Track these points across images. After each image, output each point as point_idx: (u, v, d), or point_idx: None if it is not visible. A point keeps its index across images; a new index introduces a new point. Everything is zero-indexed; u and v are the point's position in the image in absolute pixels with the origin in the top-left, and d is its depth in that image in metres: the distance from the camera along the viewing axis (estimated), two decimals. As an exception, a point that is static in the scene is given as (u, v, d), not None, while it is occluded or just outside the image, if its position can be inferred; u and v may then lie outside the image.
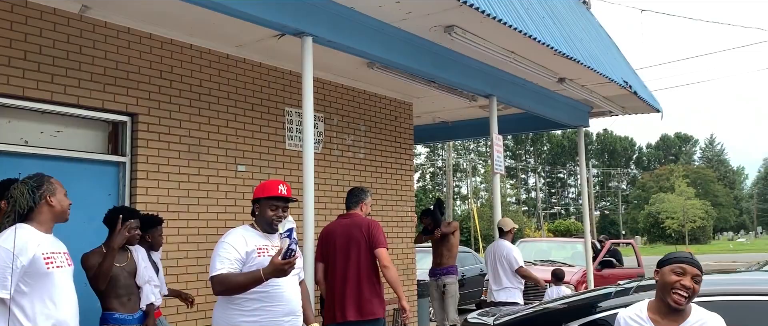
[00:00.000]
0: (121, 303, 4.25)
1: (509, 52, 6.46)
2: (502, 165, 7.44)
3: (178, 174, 5.57)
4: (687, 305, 2.72)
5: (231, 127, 6.05)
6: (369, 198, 5.11)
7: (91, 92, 5.02)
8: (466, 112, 9.27)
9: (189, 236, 5.61)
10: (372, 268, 4.78)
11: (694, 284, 2.70)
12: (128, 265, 4.33)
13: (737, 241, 59.58)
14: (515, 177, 76.01)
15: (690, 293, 2.70)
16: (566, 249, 12.64)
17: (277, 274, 3.23)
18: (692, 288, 2.70)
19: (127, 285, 4.29)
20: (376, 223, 4.89)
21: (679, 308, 2.71)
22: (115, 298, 4.22)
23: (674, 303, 2.70)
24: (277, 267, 3.20)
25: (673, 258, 2.79)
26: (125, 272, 4.29)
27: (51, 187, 3.07)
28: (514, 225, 7.24)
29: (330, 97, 7.20)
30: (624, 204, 75.86)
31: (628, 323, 2.83)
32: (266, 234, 3.51)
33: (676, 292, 2.70)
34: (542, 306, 4.06)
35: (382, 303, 4.79)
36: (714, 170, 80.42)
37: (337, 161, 7.26)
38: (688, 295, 2.70)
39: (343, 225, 4.95)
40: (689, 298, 2.71)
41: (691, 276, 2.70)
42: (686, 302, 2.70)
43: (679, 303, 2.70)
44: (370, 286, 4.71)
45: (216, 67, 5.96)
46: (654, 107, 9.35)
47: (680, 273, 2.71)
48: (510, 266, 6.85)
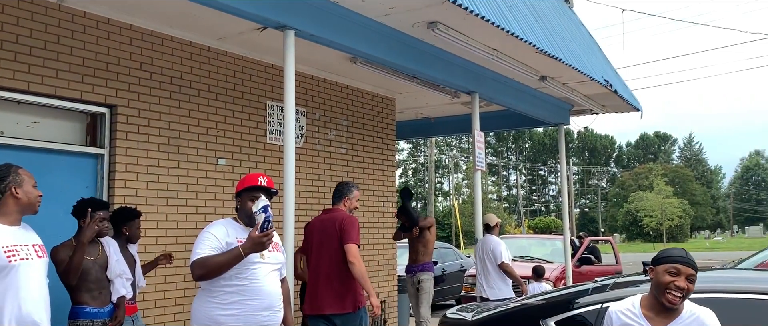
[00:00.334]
0: (92, 297, 4.20)
1: (492, 49, 6.48)
2: (483, 162, 7.47)
3: (158, 166, 5.52)
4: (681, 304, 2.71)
5: (211, 120, 6.00)
6: (354, 193, 5.06)
7: (69, 83, 4.95)
8: (448, 108, 9.29)
9: (168, 229, 5.57)
10: (345, 263, 4.76)
11: (689, 284, 2.68)
12: (100, 258, 4.27)
13: (713, 240, 60.44)
14: (497, 174, 76.41)
15: (684, 293, 2.69)
16: (546, 246, 12.73)
17: (256, 248, 3.25)
18: (686, 289, 2.69)
19: (99, 278, 4.24)
20: (350, 219, 4.86)
21: (672, 308, 2.71)
22: (86, 292, 4.17)
23: (668, 303, 2.70)
24: (255, 241, 3.22)
25: (668, 257, 2.76)
26: (97, 265, 4.23)
27: (17, 178, 2.99)
28: (499, 220, 7.41)
29: (312, 91, 7.18)
30: (603, 202, 76.60)
31: (620, 319, 2.82)
32: (248, 227, 3.50)
33: (670, 293, 2.70)
34: (520, 302, 4.09)
35: (355, 297, 4.76)
36: (692, 169, 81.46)
37: (319, 156, 7.24)
38: (683, 295, 2.70)
39: (322, 221, 4.98)
40: (684, 298, 2.71)
41: (685, 277, 2.69)
42: (680, 302, 2.70)
43: (673, 304, 2.70)
44: (341, 281, 4.70)
45: (197, 59, 5.91)
46: (634, 106, 9.44)
47: (674, 274, 2.70)
48: (495, 260, 6.92)
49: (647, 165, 76.65)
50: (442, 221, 50.78)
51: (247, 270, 3.35)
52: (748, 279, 3.71)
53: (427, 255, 7.54)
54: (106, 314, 4.26)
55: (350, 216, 4.95)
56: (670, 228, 57.05)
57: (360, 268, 4.65)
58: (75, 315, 4.16)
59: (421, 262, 7.49)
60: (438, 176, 67.99)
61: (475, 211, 7.53)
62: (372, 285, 4.80)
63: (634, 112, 9.82)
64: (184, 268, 5.64)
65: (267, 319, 3.39)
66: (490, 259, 6.97)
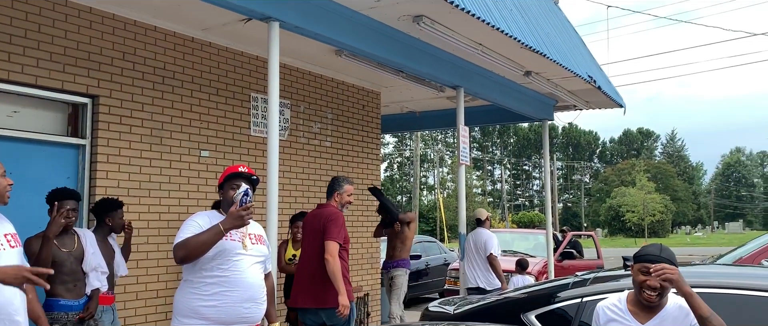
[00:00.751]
0: (66, 289, 4.16)
1: (477, 43, 6.49)
2: (468, 156, 7.49)
3: (140, 158, 5.47)
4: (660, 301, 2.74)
5: (195, 112, 5.96)
6: (345, 188, 5.05)
7: (50, 72, 4.89)
8: (433, 102, 9.30)
9: (150, 221, 5.53)
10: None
11: (663, 282, 2.70)
12: (75, 250, 4.23)
13: (694, 235, 61.18)
14: (482, 169, 76.72)
15: (659, 291, 2.72)
16: (529, 240, 12.82)
17: (236, 223, 3.26)
18: (660, 287, 2.71)
19: (74, 270, 4.20)
20: (334, 216, 4.86)
21: (650, 305, 2.75)
22: (60, 284, 4.12)
23: (645, 301, 2.76)
24: (234, 216, 3.25)
25: (641, 256, 2.80)
26: (72, 257, 4.19)
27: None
28: (489, 214, 7.81)
29: (297, 83, 7.15)
30: (586, 197, 77.23)
31: (607, 314, 2.85)
32: None
33: (644, 291, 2.74)
34: (502, 295, 4.11)
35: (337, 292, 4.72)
36: (674, 165, 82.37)
37: (303, 149, 7.22)
38: (659, 294, 2.72)
39: (313, 216, 5.07)
40: (661, 294, 2.73)
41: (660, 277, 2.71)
42: (657, 299, 2.73)
43: (649, 301, 2.75)
44: (324, 277, 4.71)
45: (180, 50, 5.86)
46: (617, 102, 9.51)
47: (646, 273, 2.74)
48: (485, 251, 7.36)
49: (630, 161, 77.37)
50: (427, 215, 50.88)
51: (228, 262, 3.34)
52: (727, 274, 3.76)
53: (405, 251, 7.46)
54: (80, 307, 4.23)
55: (336, 212, 4.93)
56: (651, 223, 57.67)
57: (332, 265, 4.65)
58: (49, 308, 4.11)
59: (396, 258, 7.42)
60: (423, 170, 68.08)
61: (460, 205, 7.56)
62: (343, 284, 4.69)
63: (618, 108, 9.89)
64: (166, 260, 5.61)
65: (248, 311, 3.38)
66: (482, 251, 7.42)
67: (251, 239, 3.49)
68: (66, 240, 4.21)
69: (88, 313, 4.29)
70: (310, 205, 7.26)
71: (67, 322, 4.15)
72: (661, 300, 2.76)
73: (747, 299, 3.16)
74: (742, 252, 6.18)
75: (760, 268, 4.27)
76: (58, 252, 4.13)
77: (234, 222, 3.26)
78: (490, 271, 7.42)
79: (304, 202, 7.20)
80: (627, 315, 2.78)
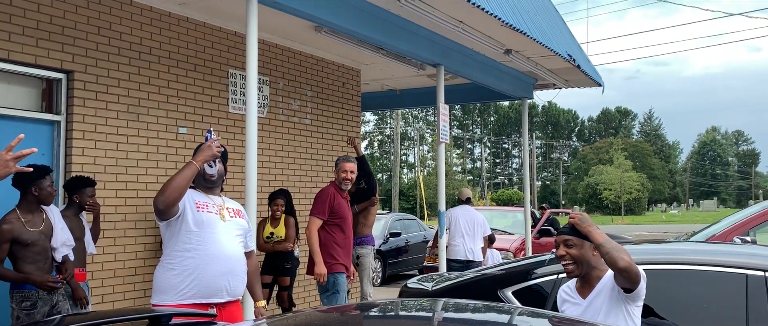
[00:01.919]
0: (37, 268, 4.11)
1: (458, 21, 6.47)
2: (448, 134, 7.51)
3: (117, 134, 5.40)
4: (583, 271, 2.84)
5: (172, 88, 5.89)
6: (340, 165, 5.56)
7: (23, 47, 4.79)
8: (414, 80, 9.28)
9: (127, 198, 5.48)
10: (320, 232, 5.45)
11: (569, 249, 2.83)
12: (44, 228, 4.18)
13: (669, 213, 62.21)
14: (461, 147, 76.99)
15: (572, 260, 2.83)
16: (507, 217, 12.93)
17: (206, 153, 3.33)
18: (569, 255, 2.83)
19: (44, 248, 4.15)
20: (320, 193, 5.54)
21: (571, 276, 2.89)
22: (31, 263, 4.08)
23: (567, 274, 2.89)
24: (203, 148, 3.35)
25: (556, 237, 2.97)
26: (42, 236, 4.14)
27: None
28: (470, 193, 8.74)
29: (276, 60, 7.08)
30: (564, 175, 78.02)
31: (562, 297, 2.98)
32: (206, 194, 3.49)
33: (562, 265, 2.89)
34: (480, 272, 4.16)
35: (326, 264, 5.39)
36: (651, 144, 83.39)
37: (283, 126, 7.18)
38: (573, 262, 2.83)
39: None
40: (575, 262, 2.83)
41: (562, 244, 2.85)
42: (574, 268, 2.84)
43: (569, 272, 2.87)
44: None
45: (157, 25, 5.76)
46: (596, 81, 9.57)
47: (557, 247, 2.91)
48: (485, 231, 8.28)
49: (608, 139, 78.16)
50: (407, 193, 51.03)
51: (205, 234, 3.33)
52: (700, 251, 3.84)
53: (368, 228, 6.92)
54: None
55: (323, 189, 5.58)
56: (628, 201, 58.50)
57: (309, 238, 5.39)
58: (21, 287, 4.08)
59: (360, 234, 6.77)
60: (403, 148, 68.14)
61: (439, 184, 7.59)
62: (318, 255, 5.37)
63: (597, 87, 9.96)
64: (144, 237, 5.58)
65: (228, 284, 3.37)
66: (481, 228, 8.20)
67: (229, 212, 3.48)
68: (35, 219, 4.15)
69: (67, 274, 4.29)
70: (289, 183, 7.25)
71: (37, 300, 4.10)
72: (580, 269, 2.84)
73: (719, 275, 3.23)
74: (715, 230, 6.29)
75: (733, 245, 4.36)
76: (27, 232, 4.06)
77: (204, 155, 3.33)
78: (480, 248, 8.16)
79: (284, 180, 7.18)
80: (574, 294, 2.90)
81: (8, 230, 3.97)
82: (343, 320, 2.09)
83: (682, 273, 3.32)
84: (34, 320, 3.98)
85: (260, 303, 3.72)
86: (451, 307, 2.23)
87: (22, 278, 4.03)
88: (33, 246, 4.05)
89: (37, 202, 4.16)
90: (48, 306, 4.15)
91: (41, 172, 4.13)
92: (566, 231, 2.85)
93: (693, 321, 3.15)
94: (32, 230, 4.08)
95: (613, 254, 2.63)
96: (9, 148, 2.66)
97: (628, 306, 2.71)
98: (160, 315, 2.56)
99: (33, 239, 4.05)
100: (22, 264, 4.05)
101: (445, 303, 2.29)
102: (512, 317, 2.11)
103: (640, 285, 2.67)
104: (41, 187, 4.13)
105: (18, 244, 4.01)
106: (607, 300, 2.74)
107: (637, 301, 2.72)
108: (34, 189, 4.11)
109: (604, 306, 2.73)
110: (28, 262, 4.05)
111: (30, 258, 4.05)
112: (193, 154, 3.46)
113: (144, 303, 5.40)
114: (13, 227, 4.00)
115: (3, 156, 2.63)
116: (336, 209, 5.46)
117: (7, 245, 3.97)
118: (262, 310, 3.73)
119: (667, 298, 3.24)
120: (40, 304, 4.10)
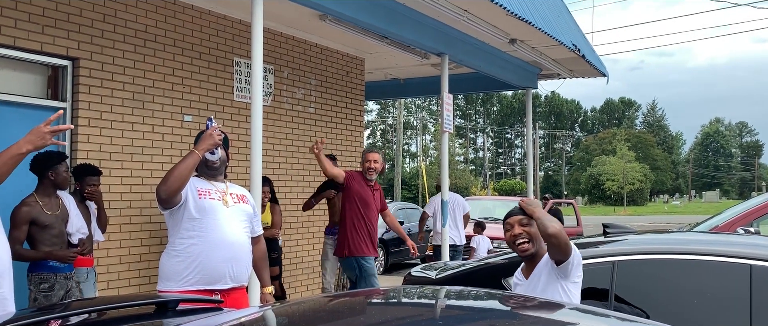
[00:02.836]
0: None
1: (462, 10, 6.46)
2: (451, 124, 7.52)
3: (122, 122, 5.42)
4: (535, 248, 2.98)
5: (177, 75, 5.89)
6: (364, 156, 5.89)
7: (29, 34, 4.80)
8: (418, 69, 9.27)
9: (133, 186, 5.51)
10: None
11: (523, 227, 2.97)
12: (61, 213, 4.28)
13: (672, 204, 62.19)
14: (464, 137, 76.92)
15: (527, 237, 2.97)
16: (510, 207, 12.95)
17: (208, 142, 3.35)
18: (524, 232, 2.96)
19: (61, 232, 4.26)
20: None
21: (526, 255, 3.01)
22: (49, 246, 4.16)
23: (521, 253, 3.01)
24: (204, 138, 3.35)
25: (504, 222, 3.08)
26: (59, 220, 4.24)
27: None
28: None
29: (280, 48, 7.08)
30: (567, 166, 77.94)
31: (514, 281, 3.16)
32: (208, 180, 3.50)
33: (515, 246, 3.01)
34: (484, 261, 4.18)
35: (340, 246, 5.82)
36: (654, 135, 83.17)
37: (287, 115, 7.19)
38: (527, 240, 2.96)
39: None
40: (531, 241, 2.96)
41: (517, 224, 2.99)
42: (531, 246, 2.97)
43: (525, 251, 2.99)
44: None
45: (162, 12, 5.76)
46: (600, 71, 9.55)
47: (509, 229, 3.02)
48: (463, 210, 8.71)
49: (611, 130, 77.98)
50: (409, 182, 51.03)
51: (209, 220, 3.35)
52: (704, 241, 3.85)
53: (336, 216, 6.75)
54: (67, 268, 4.29)
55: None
56: (630, 192, 58.43)
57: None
58: (39, 268, 4.15)
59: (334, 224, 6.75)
60: (406, 138, 68.12)
61: (442, 173, 7.61)
62: None
63: (601, 77, 9.94)
64: (149, 225, 5.61)
65: (230, 269, 3.39)
66: (461, 207, 8.62)
67: (233, 198, 3.49)
68: (52, 203, 4.24)
69: (84, 248, 4.38)
70: (293, 171, 7.27)
71: (55, 283, 4.21)
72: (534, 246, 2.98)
73: (723, 265, 3.24)
74: (718, 220, 6.30)
75: (736, 235, 4.37)
76: (45, 215, 4.16)
77: (207, 144, 3.34)
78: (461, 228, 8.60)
79: (288, 168, 7.20)
80: (521, 276, 3.09)
81: (27, 212, 4.08)
82: (351, 306, 2.11)
83: (685, 263, 3.33)
84: (51, 302, 4.10)
85: (267, 288, 3.74)
86: (455, 294, 2.25)
87: (44, 254, 4.14)
88: (50, 229, 4.16)
89: (53, 187, 4.28)
90: (64, 290, 4.27)
91: (58, 158, 4.28)
92: (518, 212, 3.02)
93: (697, 311, 3.17)
94: (49, 213, 4.18)
95: (545, 222, 2.80)
96: (48, 121, 2.74)
97: (563, 283, 2.85)
98: (167, 301, 2.59)
99: (50, 222, 4.16)
100: (40, 246, 4.17)
101: (449, 291, 2.31)
102: (514, 304, 2.13)
103: (570, 259, 2.81)
104: (57, 172, 4.26)
105: (36, 226, 4.12)
106: (545, 277, 2.91)
107: (570, 277, 2.86)
108: (51, 174, 4.24)
109: (541, 283, 2.90)
110: (46, 245, 4.15)
111: (48, 240, 4.16)
112: (194, 142, 3.48)
113: (149, 289, 5.43)
114: (32, 209, 4.11)
115: (41, 128, 2.74)
116: (361, 194, 5.72)
117: (26, 227, 4.07)
118: (268, 296, 3.75)
119: (670, 288, 3.25)
120: (57, 287, 4.21)
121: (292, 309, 2.15)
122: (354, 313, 2.02)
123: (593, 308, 2.16)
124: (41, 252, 4.14)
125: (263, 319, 1.92)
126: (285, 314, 2.06)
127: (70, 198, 4.50)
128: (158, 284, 3.45)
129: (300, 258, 7.43)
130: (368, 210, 5.76)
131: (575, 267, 2.84)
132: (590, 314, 1.99)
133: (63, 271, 4.25)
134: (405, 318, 1.90)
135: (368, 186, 5.81)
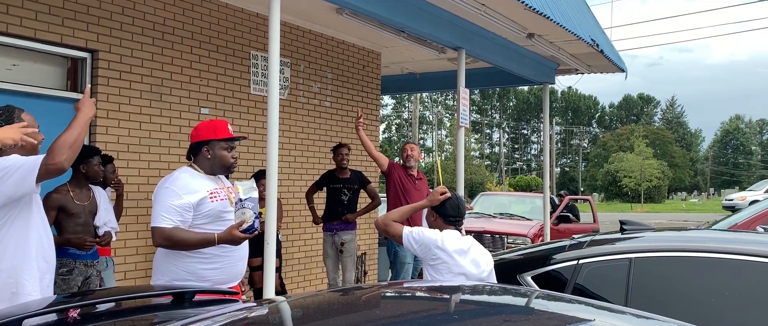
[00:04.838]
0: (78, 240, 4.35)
1: (480, 4, 6.41)
2: (467, 119, 7.48)
3: (140, 114, 5.46)
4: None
5: (195, 69, 5.92)
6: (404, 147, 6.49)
7: (49, 26, 4.85)
8: (434, 64, 9.23)
9: (150, 178, 5.55)
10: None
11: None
12: (90, 204, 4.44)
13: (690, 201, 61.54)
14: (480, 132, 76.65)
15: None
16: (525, 203, 12.88)
17: (231, 243, 3.24)
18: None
19: (87, 223, 4.44)
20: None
21: None
22: (72, 234, 4.33)
23: None
24: (234, 237, 3.20)
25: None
26: (86, 210, 4.41)
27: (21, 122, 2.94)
28: None
29: (297, 42, 7.09)
30: (584, 162, 77.39)
31: None
32: (215, 176, 3.42)
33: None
34: (498, 257, 4.16)
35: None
36: (673, 132, 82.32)
37: (303, 108, 7.20)
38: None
39: None
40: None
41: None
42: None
43: None
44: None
45: (180, 5, 5.79)
46: (619, 66, 9.45)
47: None
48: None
49: (629, 126, 77.27)
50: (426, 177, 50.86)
51: (222, 223, 3.32)
52: (721, 239, 3.81)
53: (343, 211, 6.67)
54: (89, 256, 4.39)
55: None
56: (648, 189, 57.90)
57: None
58: (60, 253, 4.22)
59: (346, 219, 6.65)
60: (421, 132, 68.04)
61: (458, 168, 7.58)
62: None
63: (619, 73, 9.83)
64: (166, 216, 5.65)
65: (242, 267, 3.49)
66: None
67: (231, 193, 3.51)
68: (83, 194, 4.45)
69: (104, 239, 4.54)
70: (309, 165, 7.29)
71: (74, 268, 4.37)
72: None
73: (743, 263, 3.20)
74: (738, 218, 6.23)
75: (756, 234, 4.31)
76: (74, 203, 4.36)
77: (230, 242, 3.23)
78: None
79: (303, 162, 7.22)
80: None
81: (56, 198, 4.30)
82: (366, 299, 2.12)
83: (703, 261, 3.29)
84: (69, 286, 4.28)
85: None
86: (469, 290, 2.24)
87: (62, 240, 4.28)
88: (77, 218, 4.35)
89: (85, 179, 4.51)
90: (82, 276, 4.40)
91: (90, 152, 4.52)
92: None
93: (715, 310, 3.13)
94: (78, 203, 4.39)
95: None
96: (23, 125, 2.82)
97: (424, 266, 3.36)
98: (184, 291, 2.60)
99: (77, 211, 4.36)
100: (64, 234, 4.35)
101: (463, 285, 2.31)
102: (529, 300, 2.12)
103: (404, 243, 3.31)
104: (89, 165, 4.50)
105: (64, 213, 4.32)
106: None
107: (426, 260, 3.30)
108: (82, 167, 4.46)
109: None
110: (69, 233, 4.34)
111: (72, 229, 4.34)
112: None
113: (165, 280, 5.48)
114: (61, 197, 4.33)
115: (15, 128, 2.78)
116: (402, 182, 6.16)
117: (54, 213, 4.24)
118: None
119: (687, 286, 3.22)
120: (76, 272, 4.37)
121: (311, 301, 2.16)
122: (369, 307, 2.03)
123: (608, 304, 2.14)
124: (60, 238, 4.24)
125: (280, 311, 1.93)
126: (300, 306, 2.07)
127: (103, 193, 4.68)
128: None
129: (303, 253, 7.45)
130: (409, 199, 6.00)
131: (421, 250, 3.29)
132: (605, 310, 1.97)
133: (83, 259, 4.38)
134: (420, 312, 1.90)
135: (409, 176, 6.33)
